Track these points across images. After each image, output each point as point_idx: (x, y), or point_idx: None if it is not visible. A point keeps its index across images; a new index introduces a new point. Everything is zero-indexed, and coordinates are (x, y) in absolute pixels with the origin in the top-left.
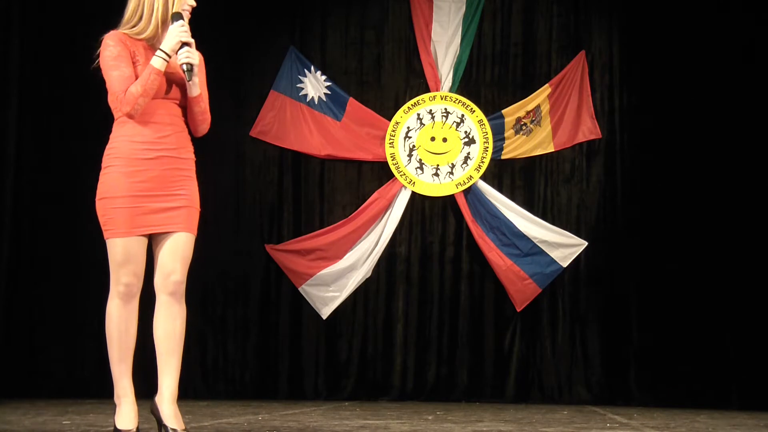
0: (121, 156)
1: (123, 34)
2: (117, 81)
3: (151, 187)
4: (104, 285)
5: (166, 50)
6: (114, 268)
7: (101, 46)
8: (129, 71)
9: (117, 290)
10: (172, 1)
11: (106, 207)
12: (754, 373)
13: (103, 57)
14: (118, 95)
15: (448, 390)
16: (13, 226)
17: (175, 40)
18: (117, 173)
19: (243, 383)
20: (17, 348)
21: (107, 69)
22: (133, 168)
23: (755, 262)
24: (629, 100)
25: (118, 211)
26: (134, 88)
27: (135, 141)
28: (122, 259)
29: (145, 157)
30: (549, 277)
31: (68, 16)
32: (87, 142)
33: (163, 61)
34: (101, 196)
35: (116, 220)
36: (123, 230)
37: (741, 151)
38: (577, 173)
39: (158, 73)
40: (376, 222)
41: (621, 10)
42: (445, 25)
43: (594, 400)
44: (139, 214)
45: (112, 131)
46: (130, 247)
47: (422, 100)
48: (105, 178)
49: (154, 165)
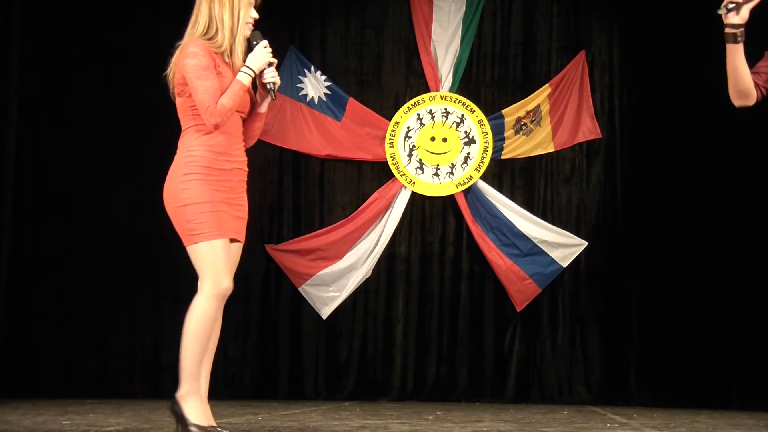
0: (204, 165)
1: (206, 44)
2: (207, 92)
3: (227, 197)
4: (104, 285)
5: (254, 68)
6: (212, 270)
7: (188, 55)
8: (216, 83)
9: (215, 291)
10: (239, 15)
11: (196, 212)
12: (754, 373)
13: (192, 66)
14: (208, 107)
15: (448, 390)
16: (13, 226)
17: (264, 60)
18: (201, 181)
19: (243, 383)
20: (17, 348)
21: (196, 78)
22: (213, 177)
23: (755, 262)
24: (629, 100)
25: (211, 215)
26: (225, 101)
27: (216, 151)
28: (221, 260)
29: (223, 167)
30: (549, 277)
31: (68, 16)
32: (87, 141)
33: (250, 78)
34: (188, 202)
35: (210, 224)
36: (218, 232)
37: (741, 151)
38: (577, 173)
39: (245, 90)
40: (376, 222)
41: (621, 10)
42: (445, 25)
43: (594, 400)
44: (225, 219)
45: (186, 138)
46: (226, 249)
47: (422, 100)
48: (189, 185)
49: (230, 176)
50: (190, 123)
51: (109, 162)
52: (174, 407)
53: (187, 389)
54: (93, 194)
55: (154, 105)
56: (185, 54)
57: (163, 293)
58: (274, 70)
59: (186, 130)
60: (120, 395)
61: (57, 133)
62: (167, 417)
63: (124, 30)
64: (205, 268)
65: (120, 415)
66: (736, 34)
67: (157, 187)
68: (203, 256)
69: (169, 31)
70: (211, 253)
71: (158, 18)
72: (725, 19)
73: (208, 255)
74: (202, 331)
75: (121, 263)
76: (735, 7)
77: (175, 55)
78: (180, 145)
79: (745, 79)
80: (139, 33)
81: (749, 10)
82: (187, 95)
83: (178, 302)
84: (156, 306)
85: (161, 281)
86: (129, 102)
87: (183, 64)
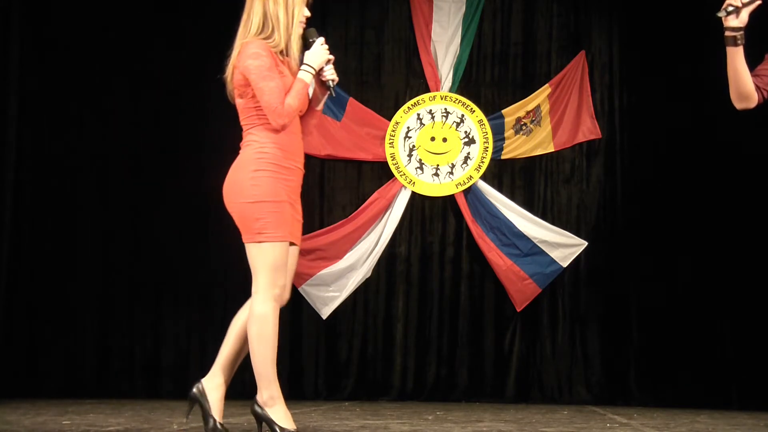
0: (274, 162)
1: (266, 43)
2: (274, 93)
3: (290, 199)
4: (104, 285)
5: (314, 66)
6: (271, 272)
7: (250, 55)
8: (281, 83)
9: (273, 293)
10: (293, 13)
11: (265, 210)
12: (754, 373)
13: (255, 66)
14: (276, 107)
15: (448, 390)
16: (13, 226)
17: (323, 58)
18: (272, 178)
19: (243, 383)
20: (17, 348)
21: (262, 79)
22: (282, 176)
23: (755, 262)
24: (629, 100)
25: (279, 215)
26: (291, 101)
27: (284, 150)
28: (282, 262)
29: (290, 166)
30: (549, 277)
31: (68, 16)
32: (87, 141)
33: (311, 76)
34: (257, 199)
35: (276, 225)
36: (282, 234)
37: (741, 152)
38: (577, 173)
39: (307, 88)
40: (376, 222)
41: (621, 10)
42: (445, 25)
43: (594, 400)
44: (289, 221)
45: (253, 134)
46: (287, 252)
47: (422, 100)
48: (260, 182)
49: (293, 176)
50: (255, 122)
51: (109, 162)
52: (256, 411)
53: (270, 394)
54: (93, 194)
55: (155, 105)
56: (247, 55)
57: (163, 293)
58: (332, 67)
59: (251, 128)
60: (120, 395)
61: (57, 133)
62: (167, 417)
63: (124, 30)
64: (263, 269)
65: (120, 415)
66: (736, 37)
67: (158, 187)
68: (264, 257)
69: (169, 31)
70: (272, 255)
71: (158, 18)
72: (725, 23)
73: (269, 256)
74: (268, 332)
75: (121, 263)
76: (734, 10)
77: (233, 56)
78: (247, 142)
79: (745, 82)
80: (139, 33)
81: (749, 14)
82: (249, 96)
83: (178, 302)
84: (156, 306)
85: (161, 281)
86: (129, 102)
87: (245, 66)
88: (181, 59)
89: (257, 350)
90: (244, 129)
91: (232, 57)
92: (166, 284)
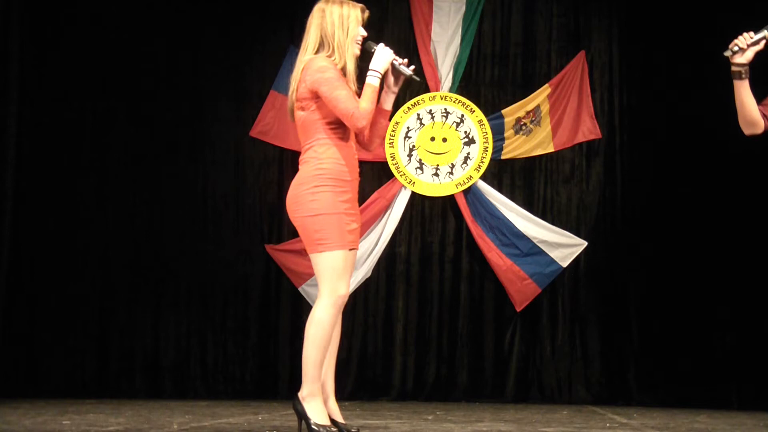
0: (332, 177)
1: (331, 60)
2: (349, 99)
3: (349, 208)
4: (104, 285)
5: (380, 70)
6: (334, 279)
7: (319, 69)
8: (350, 91)
9: (333, 299)
10: (348, 33)
11: (325, 222)
12: (754, 373)
13: (326, 78)
14: (353, 112)
15: (448, 390)
16: (13, 226)
17: (388, 59)
18: (330, 192)
19: (243, 383)
20: (17, 348)
21: (335, 88)
22: (340, 189)
23: (755, 262)
24: (629, 100)
25: (338, 226)
26: (365, 104)
27: (341, 164)
28: (344, 270)
29: (347, 179)
30: (549, 277)
31: (68, 15)
32: (87, 141)
33: (378, 80)
34: (318, 212)
35: (335, 235)
36: (341, 243)
37: (741, 151)
38: (577, 173)
39: (377, 92)
40: (376, 222)
41: (621, 10)
42: (445, 25)
43: (594, 400)
44: (347, 230)
45: (313, 150)
46: (346, 258)
47: (422, 100)
48: (319, 197)
49: (351, 187)
50: (315, 136)
51: (109, 162)
52: (296, 406)
53: (309, 391)
54: (93, 194)
55: (155, 105)
56: (314, 69)
57: (163, 294)
58: (401, 60)
59: (312, 143)
60: (120, 395)
61: (57, 133)
62: (167, 417)
63: (124, 30)
64: (326, 277)
65: (120, 415)
66: (741, 72)
67: (158, 188)
68: (325, 265)
69: (170, 30)
70: (333, 263)
71: (159, 18)
72: (731, 60)
73: (330, 264)
74: (322, 336)
75: (121, 263)
76: (740, 50)
77: (296, 73)
78: (306, 158)
79: (751, 110)
80: (139, 33)
81: (754, 53)
82: (311, 109)
83: (178, 302)
84: (156, 306)
85: (161, 281)
86: (129, 102)
87: (315, 79)
88: (182, 59)
89: (309, 351)
90: (303, 145)
91: (295, 73)
92: (166, 284)
